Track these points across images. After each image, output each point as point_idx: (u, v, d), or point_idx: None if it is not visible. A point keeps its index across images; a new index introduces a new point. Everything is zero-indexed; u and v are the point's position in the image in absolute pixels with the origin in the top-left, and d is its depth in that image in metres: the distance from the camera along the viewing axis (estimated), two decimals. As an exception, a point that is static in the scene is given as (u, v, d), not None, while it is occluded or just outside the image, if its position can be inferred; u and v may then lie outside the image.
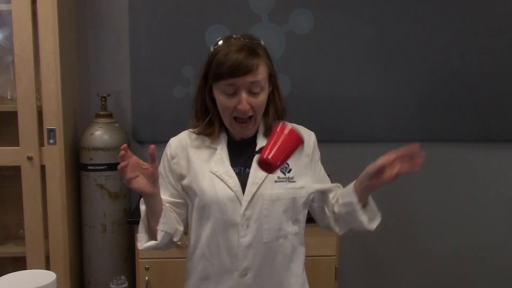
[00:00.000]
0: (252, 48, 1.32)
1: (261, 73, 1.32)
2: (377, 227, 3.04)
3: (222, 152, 1.39)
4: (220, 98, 1.34)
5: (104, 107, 2.52)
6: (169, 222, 1.37)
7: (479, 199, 2.90)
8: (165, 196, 1.43)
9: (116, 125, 2.52)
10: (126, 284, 1.41)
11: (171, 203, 1.45)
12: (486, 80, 2.76)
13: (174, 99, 2.65)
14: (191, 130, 1.46)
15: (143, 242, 1.38)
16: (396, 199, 2.86)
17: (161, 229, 1.35)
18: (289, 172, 1.40)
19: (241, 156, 1.41)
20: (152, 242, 1.37)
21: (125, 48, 2.65)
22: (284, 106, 1.45)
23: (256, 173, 1.36)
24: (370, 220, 1.46)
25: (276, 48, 2.64)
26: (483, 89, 2.76)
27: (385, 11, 2.67)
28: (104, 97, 2.51)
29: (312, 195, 1.48)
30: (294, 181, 1.40)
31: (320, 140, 1.69)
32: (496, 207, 2.91)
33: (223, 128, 1.42)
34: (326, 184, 1.55)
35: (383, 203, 2.92)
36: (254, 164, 1.37)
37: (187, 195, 1.44)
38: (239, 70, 1.28)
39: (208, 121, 1.41)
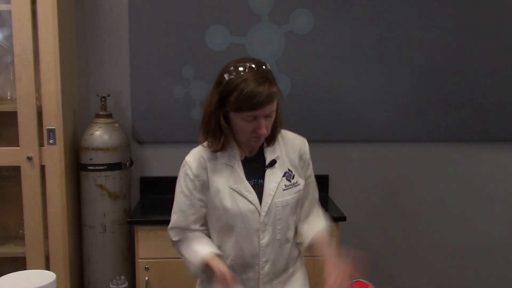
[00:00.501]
0: (269, 79, 1.44)
1: (276, 100, 1.47)
2: (376, 228, 3.06)
3: (238, 169, 1.56)
4: (240, 123, 1.47)
5: (104, 107, 2.52)
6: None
7: (479, 199, 2.90)
8: (194, 215, 1.59)
9: (116, 125, 2.52)
10: (126, 284, 1.41)
11: (200, 218, 1.61)
12: (486, 80, 2.76)
13: (174, 99, 2.65)
14: (204, 146, 1.58)
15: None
16: (396, 199, 2.86)
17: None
18: (293, 178, 1.60)
19: (253, 169, 1.58)
20: None
21: (125, 48, 2.64)
22: (279, 118, 1.57)
23: (269, 185, 1.56)
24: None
25: (276, 48, 2.64)
26: (483, 89, 2.76)
27: (384, 11, 2.67)
28: (104, 97, 2.51)
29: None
30: (298, 184, 1.61)
31: (320, 140, 1.70)
32: (496, 207, 2.91)
33: (235, 145, 1.55)
34: (311, 202, 1.72)
35: (383, 203, 2.94)
36: (267, 177, 1.57)
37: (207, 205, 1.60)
38: (262, 105, 1.42)
39: (224, 140, 1.53)
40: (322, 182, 2.60)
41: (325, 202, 2.62)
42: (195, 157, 1.57)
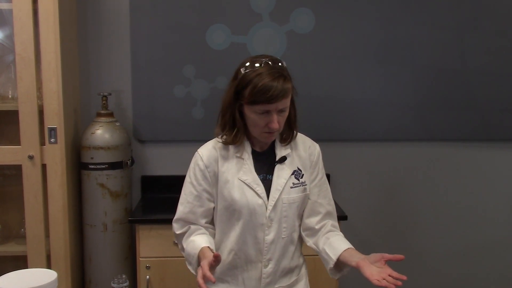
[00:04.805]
0: (283, 75, 1.47)
1: (289, 96, 1.49)
2: (377, 227, 3.06)
3: (248, 162, 1.58)
4: (253, 116, 1.50)
5: (105, 106, 2.52)
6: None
7: (479, 198, 2.90)
8: (200, 208, 1.60)
9: (117, 124, 2.53)
10: (127, 283, 1.42)
11: (206, 212, 1.61)
12: (486, 80, 2.76)
13: (174, 98, 2.66)
14: (217, 139, 1.60)
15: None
16: (396, 199, 2.87)
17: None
18: (301, 177, 1.61)
19: (264, 164, 1.60)
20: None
21: (126, 47, 2.65)
22: (295, 118, 1.60)
23: (277, 180, 1.58)
24: (335, 273, 1.61)
25: (277, 48, 2.64)
26: (484, 89, 2.76)
27: (385, 10, 2.68)
28: (105, 96, 2.52)
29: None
30: (306, 184, 1.62)
31: (321, 140, 1.71)
32: (496, 206, 2.92)
33: (246, 138, 1.59)
34: (321, 206, 1.65)
35: (384, 202, 2.94)
36: (276, 172, 1.58)
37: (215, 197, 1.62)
38: (275, 99, 1.44)
39: (236, 133, 1.56)
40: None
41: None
42: (207, 148, 1.60)
